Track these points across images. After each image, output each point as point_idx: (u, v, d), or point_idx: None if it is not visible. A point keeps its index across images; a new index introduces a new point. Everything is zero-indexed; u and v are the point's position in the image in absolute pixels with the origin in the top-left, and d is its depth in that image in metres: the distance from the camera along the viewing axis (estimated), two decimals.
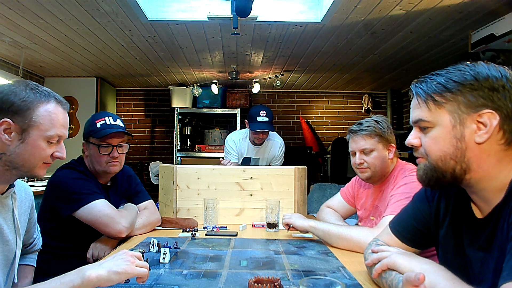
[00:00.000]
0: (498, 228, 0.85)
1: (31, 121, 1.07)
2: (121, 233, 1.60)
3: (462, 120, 0.87)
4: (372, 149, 1.65)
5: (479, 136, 0.85)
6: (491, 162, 0.86)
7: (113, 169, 1.73)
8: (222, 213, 2.11)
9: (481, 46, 2.72)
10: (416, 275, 0.80)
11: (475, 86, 0.85)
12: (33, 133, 1.08)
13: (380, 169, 1.68)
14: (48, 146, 1.11)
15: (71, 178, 1.66)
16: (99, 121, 1.73)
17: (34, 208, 1.38)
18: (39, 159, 1.10)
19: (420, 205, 1.09)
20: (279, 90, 5.65)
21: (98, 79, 5.01)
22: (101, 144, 1.71)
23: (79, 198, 1.60)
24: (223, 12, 2.85)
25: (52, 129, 1.10)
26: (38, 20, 2.93)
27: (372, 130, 1.65)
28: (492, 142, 0.85)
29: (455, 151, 0.88)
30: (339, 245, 1.54)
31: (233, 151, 3.30)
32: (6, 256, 1.16)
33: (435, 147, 0.90)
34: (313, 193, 3.94)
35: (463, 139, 0.87)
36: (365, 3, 2.58)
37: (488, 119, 0.84)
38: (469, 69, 0.88)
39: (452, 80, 0.88)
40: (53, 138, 1.11)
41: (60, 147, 1.15)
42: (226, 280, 1.14)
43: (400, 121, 5.59)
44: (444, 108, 0.88)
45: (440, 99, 0.89)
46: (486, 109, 0.84)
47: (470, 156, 0.87)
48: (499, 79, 0.85)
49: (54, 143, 1.12)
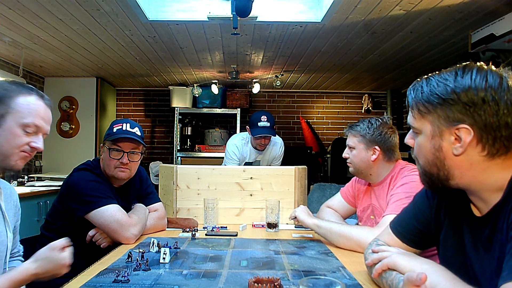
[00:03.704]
0: (497, 228, 0.85)
1: (9, 107, 1.11)
2: (129, 241, 1.61)
3: (441, 132, 0.89)
4: (353, 147, 1.76)
5: (455, 149, 0.87)
6: (475, 170, 0.87)
7: (120, 174, 1.73)
8: (222, 213, 2.11)
9: (481, 46, 2.71)
10: (418, 275, 0.80)
11: (454, 101, 0.86)
12: (9, 119, 1.11)
13: (360, 167, 1.74)
14: (24, 134, 1.13)
15: (87, 180, 1.68)
16: (116, 126, 1.75)
17: (20, 211, 1.38)
18: (14, 146, 1.12)
19: (421, 206, 1.09)
20: (279, 90, 5.65)
21: (98, 79, 5.01)
22: (112, 148, 1.72)
23: (92, 201, 1.61)
24: (223, 12, 2.85)
25: (28, 117, 1.12)
26: (38, 20, 2.93)
27: (358, 130, 1.75)
28: (472, 154, 0.86)
29: (435, 159, 0.91)
30: (340, 243, 1.54)
31: (235, 156, 3.26)
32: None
33: (420, 153, 0.95)
34: (313, 193, 3.94)
35: (440, 150, 0.89)
36: (365, 3, 2.57)
37: (464, 133, 0.85)
38: (453, 81, 0.87)
39: (434, 93, 0.89)
40: (29, 126, 1.13)
41: (37, 138, 1.16)
42: (226, 280, 1.14)
43: (400, 121, 5.59)
44: (426, 118, 0.91)
45: (423, 109, 0.91)
46: (462, 124, 0.85)
47: (450, 164, 0.89)
48: (481, 91, 0.83)
49: (31, 133, 1.14)
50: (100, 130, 5.05)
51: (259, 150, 3.26)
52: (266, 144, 3.19)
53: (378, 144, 1.70)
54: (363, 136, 1.72)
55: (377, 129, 1.71)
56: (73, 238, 1.66)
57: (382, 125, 1.71)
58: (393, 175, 1.69)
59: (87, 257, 1.52)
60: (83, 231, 1.65)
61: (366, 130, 1.72)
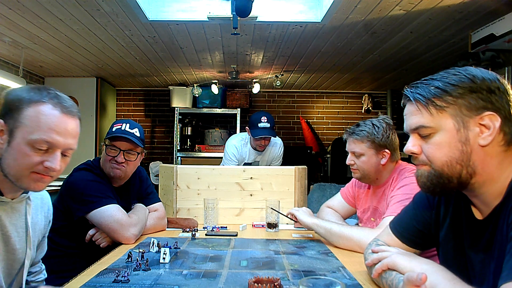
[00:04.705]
0: (497, 229, 0.85)
1: (17, 122, 0.95)
2: (129, 241, 1.61)
3: (466, 123, 0.86)
4: (362, 153, 1.66)
5: (483, 139, 0.85)
6: (493, 164, 0.86)
7: (115, 171, 1.73)
8: (222, 213, 2.11)
9: (481, 46, 2.71)
10: (418, 275, 0.80)
11: (474, 88, 0.85)
12: (17, 135, 0.95)
13: (369, 173, 1.68)
14: (34, 153, 0.96)
15: (87, 180, 1.68)
16: (116, 126, 1.77)
17: (50, 223, 1.29)
18: (23, 167, 0.96)
19: (421, 206, 1.09)
20: (279, 90, 5.65)
21: (98, 79, 5.01)
22: (109, 145, 1.73)
23: (92, 201, 1.61)
24: (223, 12, 2.85)
25: (36, 131, 0.95)
26: (38, 20, 2.92)
27: (365, 135, 1.65)
28: (494, 144, 0.85)
29: (461, 155, 0.86)
30: (340, 244, 1.54)
31: (234, 157, 3.25)
32: (11, 266, 1.07)
33: (440, 153, 0.88)
34: (313, 193, 3.94)
35: (468, 143, 0.86)
36: (365, 3, 2.57)
37: (490, 121, 0.84)
38: (465, 72, 0.87)
39: (450, 84, 0.87)
40: (38, 143, 0.95)
41: (51, 157, 0.97)
42: (226, 280, 1.14)
43: (400, 121, 5.56)
44: (446, 112, 0.87)
45: (441, 103, 0.87)
46: (487, 111, 0.84)
47: (475, 159, 0.86)
48: (494, 81, 0.86)
49: (42, 150, 0.96)
50: (100, 130, 5.05)
51: (259, 151, 3.25)
52: (266, 145, 3.18)
53: (387, 147, 1.64)
54: (372, 141, 1.64)
55: (385, 132, 1.64)
56: (73, 238, 1.68)
57: (387, 127, 1.66)
58: (394, 177, 1.67)
59: (87, 257, 1.52)
60: (83, 231, 1.65)
61: (374, 134, 1.63)
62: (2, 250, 1.04)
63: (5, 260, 1.05)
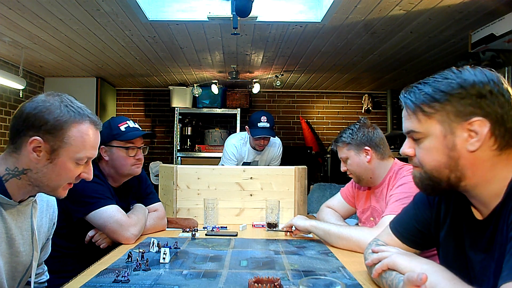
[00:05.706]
0: (498, 230, 0.85)
1: (62, 142, 1.04)
2: (129, 241, 1.60)
3: (453, 129, 0.87)
4: (346, 157, 1.76)
5: (471, 144, 0.85)
6: (485, 168, 0.86)
7: (137, 170, 1.76)
8: (222, 213, 2.11)
9: (481, 46, 2.71)
10: (418, 275, 0.80)
11: (463, 95, 0.85)
12: (62, 154, 1.05)
13: (360, 174, 1.74)
14: (76, 167, 1.08)
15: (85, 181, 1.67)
16: (122, 125, 1.75)
17: (55, 225, 1.33)
18: (64, 180, 1.08)
19: (421, 206, 1.09)
20: (279, 90, 5.65)
21: (98, 79, 5.00)
22: (129, 146, 1.72)
23: (91, 202, 1.61)
24: (223, 12, 2.85)
25: (82, 150, 1.07)
26: (38, 20, 2.92)
27: (343, 140, 1.76)
28: (484, 148, 0.85)
29: (448, 160, 0.88)
30: (339, 244, 1.54)
31: (234, 156, 3.24)
32: (14, 268, 1.09)
33: (429, 157, 0.91)
34: (313, 193, 3.94)
35: (455, 148, 0.87)
36: (365, 3, 2.57)
37: (478, 127, 0.84)
38: (456, 77, 0.87)
39: (439, 90, 0.88)
40: (82, 160, 1.08)
41: (87, 168, 1.12)
42: (226, 280, 1.14)
43: (400, 121, 5.57)
44: (434, 119, 0.88)
45: (429, 110, 0.89)
46: (475, 117, 0.84)
47: (464, 164, 0.87)
48: (486, 84, 0.85)
49: (82, 164, 1.09)
50: None
51: (258, 151, 3.25)
52: (265, 144, 3.19)
53: (366, 144, 1.71)
54: (350, 143, 1.74)
55: (359, 131, 1.73)
56: (73, 239, 1.67)
57: (361, 127, 1.74)
58: (391, 176, 1.69)
59: (87, 258, 1.52)
60: (82, 232, 1.65)
61: (350, 136, 1.74)
62: (7, 253, 1.06)
63: (9, 263, 1.07)
